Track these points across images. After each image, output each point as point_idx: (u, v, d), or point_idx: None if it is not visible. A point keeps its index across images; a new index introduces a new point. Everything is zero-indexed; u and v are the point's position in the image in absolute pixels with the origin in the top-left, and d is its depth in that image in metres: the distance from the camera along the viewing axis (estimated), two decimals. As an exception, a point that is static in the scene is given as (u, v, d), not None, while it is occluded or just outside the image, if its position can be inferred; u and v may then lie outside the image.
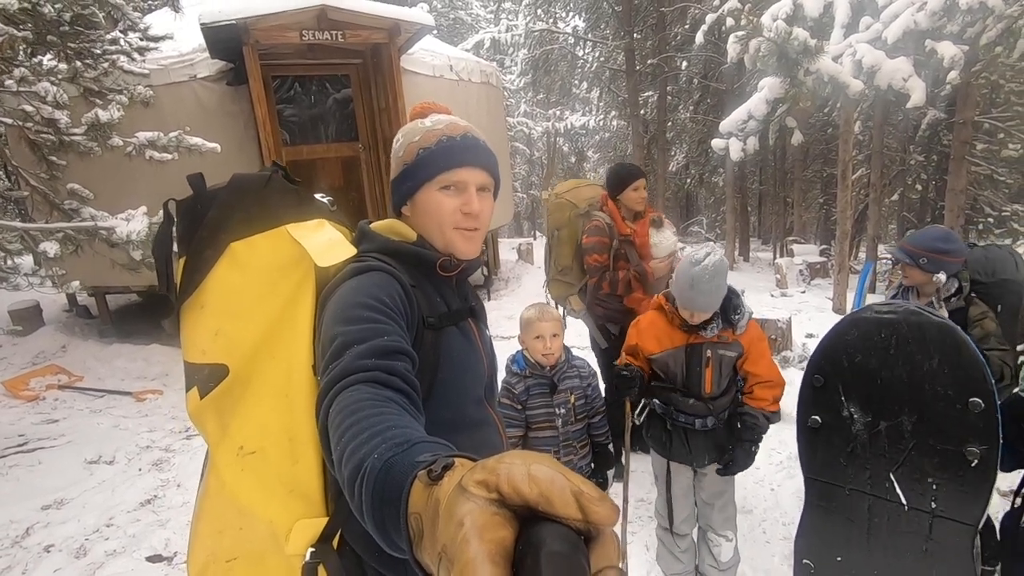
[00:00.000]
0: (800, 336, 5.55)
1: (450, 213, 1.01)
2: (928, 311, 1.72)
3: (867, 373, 1.80)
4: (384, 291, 0.91)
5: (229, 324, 0.98)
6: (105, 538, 2.94)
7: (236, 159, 5.44)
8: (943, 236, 2.17)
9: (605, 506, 0.38)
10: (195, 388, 1.00)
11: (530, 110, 19.75)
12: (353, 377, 0.75)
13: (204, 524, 1.05)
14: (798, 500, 3.10)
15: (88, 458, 3.75)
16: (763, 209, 17.90)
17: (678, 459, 2.23)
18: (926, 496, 1.76)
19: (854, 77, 2.82)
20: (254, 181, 1.03)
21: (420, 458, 0.54)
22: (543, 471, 0.39)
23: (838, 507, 1.95)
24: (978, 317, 2.07)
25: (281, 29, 5.11)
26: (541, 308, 2.31)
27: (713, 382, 2.09)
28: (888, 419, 1.79)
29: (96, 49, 3.76)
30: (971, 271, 2.17)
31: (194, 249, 1.00)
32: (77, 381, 5.24)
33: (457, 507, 0.40)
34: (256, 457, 0.96)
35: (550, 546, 0.35)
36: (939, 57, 2.65)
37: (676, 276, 2.00)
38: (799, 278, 9.29)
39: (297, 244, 0.96)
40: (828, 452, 1.93)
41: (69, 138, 3.36)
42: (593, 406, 2.42)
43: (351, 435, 0.65)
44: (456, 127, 1.04)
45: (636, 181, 2.95)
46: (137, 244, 2.87)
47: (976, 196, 8.48)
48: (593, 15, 14.93)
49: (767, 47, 2.81)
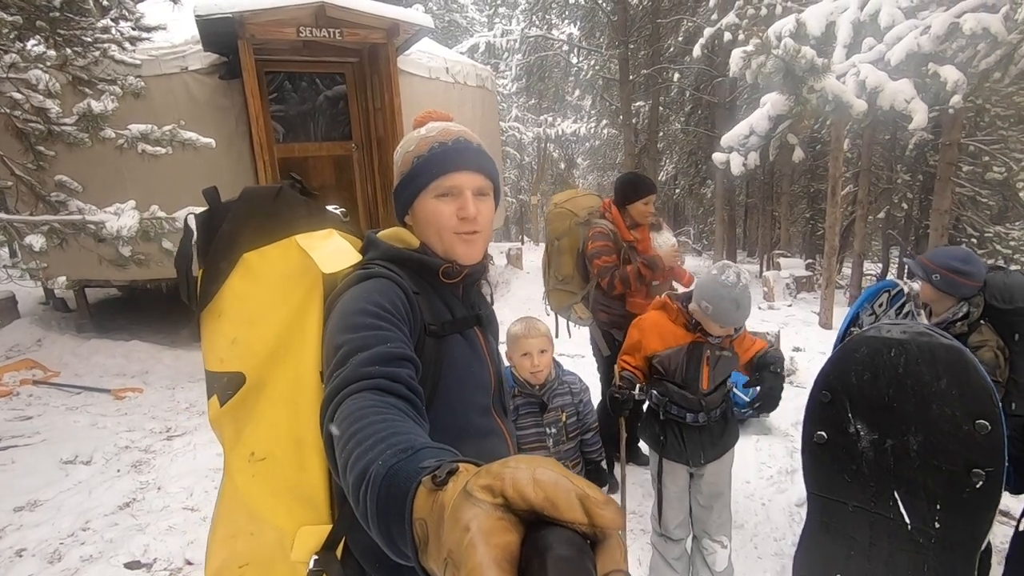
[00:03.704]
0: (788, 350, 5.61)
1: (447, 219, 1.02)
2: (938, 332, 1.73)
3: (875, 391, 1.81)
4: (387, 297, 0.92)
5: (245, 332, 1.00)
6: (81, 543, 2.83)
7: (226, 155, 5.34)
8: (962, 257, 2.10)
9: (610, 510, 0.38)
10: (215, 397, 1.03)
11: (522, 115, 19.76)
12: (357, 384, 0.75)
13: (219, 529, 1.09)
14: (789, 515, 3.11)
15: (64, 458, 3.62)
16: (749, 221, 18.12)
17: (673, 456, 2.25)
18: (929, 516, 1.76)
19: (857, 97, 2.85)
20: (265, 194, 1.05)
21: (424, 464, 0.54)
22: (548, 475, 0.39)
23: (840, 524, 1.96)
24: (978, 345, 2.02)
25: (278, 24, 5.04)
26: (528, 323, 2.21)
27: (710, 379, 2.15)
28: (894, 437, 1.80)
29: (87, 37, 3.66)
30: (988, 296, 2.09)
31: (210, 261, 1.03)
32: (53, 377, 5.09)
33: (462, 512, 0.40)
34: (266, 463, 0.98)
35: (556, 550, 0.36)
36: (942, 81, 2.69)
37: (711, 298, 2.00)
38: (786, 291, 9.39)
39: (305, 254, 0.98)
40: (833, 468, 1.94)
41: (59, 128, 3.25)
42: (585, 423, 2.35)
43: (355, 442, 0.65)
44: (448, 132, 1.05)
45: (650, 195, 2.95)
46: (127, 240, 2.77)
47: (959, 216, 8.67)
48: (588, 23, 15.02)
49: (774, 63, 2.82)
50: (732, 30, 7.71)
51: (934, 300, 2.19)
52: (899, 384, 1.76)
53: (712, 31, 8.12)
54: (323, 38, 5.28)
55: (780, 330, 5.37)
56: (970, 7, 2.71)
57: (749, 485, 3.33)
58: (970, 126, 8.16)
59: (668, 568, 2.35)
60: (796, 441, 3.95)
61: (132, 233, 2.75)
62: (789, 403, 4.52)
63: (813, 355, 5.96)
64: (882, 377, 1.79)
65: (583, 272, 3.14)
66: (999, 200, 8.67)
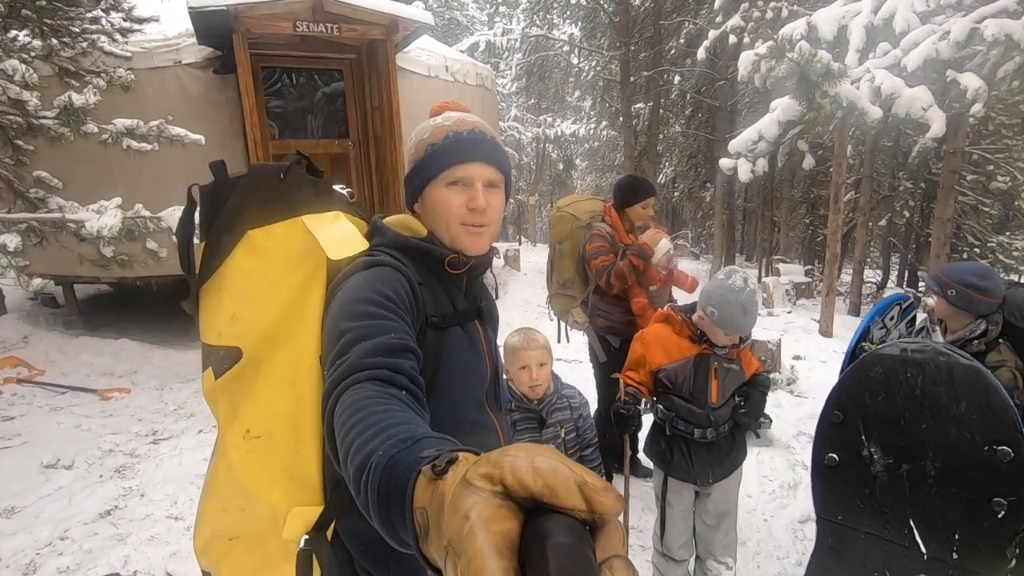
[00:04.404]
0: (788, 358, 5.53)
1: (456, 209, 1.01)
2: (957, 352, 1.65)
3: (890, 413, 1.73)
4: (391, 286, 0.92)
5: (245, 309, 1.01)
6: (58, 553, 2.71)
7: (219, 152, 5.21)
8: (980, 272, 2.03)
9: (609, 496, 0.39)
10: (210, 369, 1.03)
11: (521, 115, 19.68)
12: (359, 375, 0.76)
13: (210, 501, 1.09)
14: (792, 532, 3.03)
15: (45, 461, 3.50)
16: (747, 226, 18.09)
17: (679, 475, 2.17)
18: (947, 546, 1.69)
19: (872, 103, 2.76)
20: (273, 171, 1.04)
21: (424, 453, 0.55)
22: (547, 463, 0.39)
23: (851, 551, 1.88)
24: (995, 365, 1.92)
25: (274, 19, 4.94)
26: (527, 334, 2.10)
27: (719, 392, 2.08)
28: (910, 462, 1.72)
29: (75, 27, 3.54)
30: (1007, 313, 2.00)
31: (213, 235, 1.02)
32: (38, 375, 4.97)
33: (462, 500, 0.40)
34: (261, 441, 0.98)
35: (556, 537, 0.36)
36: (962, 88, 2.61)
37: (718, 303, 1.95)
38: (785, 298, 9.33)
39: (311, 235, 0.98)
40: (844, 492, 1.87)
41: (38, 121, 3.13)
42: (585, 438, 2.26)
43: (356, 432, 0.66)
44: (464, 123, 1.04)
45: (649, 198, 2.96)
46: (108, 240, 2.66)
47: (960, 225, 8.62)
48: (590, 24, 14.95)
49: (787, 67, 2.74)
50: (737, 33, 7.64)
51: (949, 316, 2.10)
52: (916, 406, 1.68)
53: (716, 34, 8.05)
54: (320, 33, 5.18)
55: (781, 338, 5.29)
56: (991, 12, 2.63)
57: (751, 500, 3.25)
58: (974, 134, 8.11)
59: (670, 588, 2.28)
60: (798, 454, 3.87)
61: (114, 233, 2.64)
62: (790, 413, 4.47)
63: (813, 363, 5.89)
64: (898, 398, 1.72)
65: (584, 276, 3.13)
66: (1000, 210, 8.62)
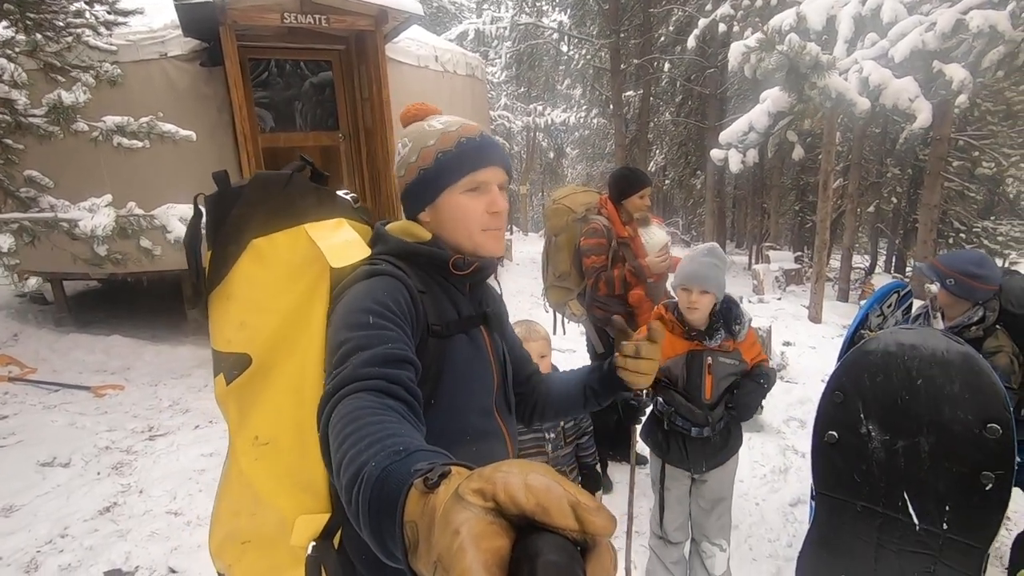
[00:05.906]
0: (778, 344, 5.61)
1: (478, 215, 1.02)
2: (952, 337, 1.73)
3: (888, 393, 1.82)
4: (391, 296, 0.92)
5: (253, 316, 1.02)
6: (59, 550, 2.73)
7: (208, 146, 5.16)
8: (976, 260, 2.09)
9: (602, 516, 0.38)
10: (221, 375, 1.05)
11: (511, 104, 19.55)
12: (355, 385, 0.76)
13: (223, 504, 1.12)
14: (783, 516, 3.10)
15: (41, 460, 3.49)
16: (737, 213, 18.17)
17: (675, 463, 2.24)
18: (938, 517, 1.77)
19: (860, 95, 2.80)
20: (276, 180, 1.05)
21: (417, 466, 0.54)
22: (540, 481, 0.39)
23: (847, 523, 1.96)
24: (993, 350, 2.00)
25: (261, 11, 4.87)
26: (528, 326, 2.15)
27: (713, 389, 2.11)
28: (906, 439, 1.80)
29: (59, 21, 3.48)
30: (1004, 300, 2.06)
31: (219, 244, 1.04)
32: (29, 373, 4.93)
33: (453, 515, 0.40)
34: (269, 448, 1.00)
35: (546, 556, 0.35)
36: (947, 79, 2.65)
37: (680, 266, 2.04)
38: (775, 284, 9.43)
39: (314, 244, 0.99)
40: (843, 468, 1.95)
41: (27, 120, 3.08)
42: (581, 427, 2.35)
43: (350, 443, 0.65)
44: (469, 128, 1.05)
45: (644, 189, 2.97)
46: (102, 239, 2.64)
47: (946, 210, 8.73)
48: (579, 12, 14.84)
49: (777, 59, 2.77)
50: (727, 21, 7.65)
51: (948, 304, 2.17)
52: (912, 387, 1.77)
53: (706, 22, 8.04)
54: (308, 24, 5.12)
55: (771, 324, 5.36)
56: (976, 3, 2.66)
57: (742, 484, 3.32)
58: (960, 121, 8.19)
59: (665, 571, 2.34)
60: (788, 438, 3.94)
61: (108, 232, 2.62)
62: (781, 399, 4.54)
63: (803, 349, 5.98)
64: (895, 379, 1.80)
65: (579, 269, 3.14)
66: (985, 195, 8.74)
